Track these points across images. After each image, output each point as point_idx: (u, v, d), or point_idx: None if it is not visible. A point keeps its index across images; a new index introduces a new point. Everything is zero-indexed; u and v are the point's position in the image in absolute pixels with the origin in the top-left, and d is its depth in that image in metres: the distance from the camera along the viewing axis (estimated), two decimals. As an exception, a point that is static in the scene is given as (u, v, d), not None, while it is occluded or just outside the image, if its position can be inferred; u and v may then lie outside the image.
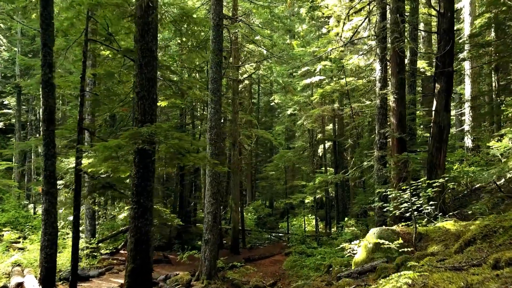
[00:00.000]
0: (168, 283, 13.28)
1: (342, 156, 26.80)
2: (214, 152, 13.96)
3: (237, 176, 21.49)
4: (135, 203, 6.63)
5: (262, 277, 16.20)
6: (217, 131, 14.09)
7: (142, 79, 6.78)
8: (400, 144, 12.26)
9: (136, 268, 6.41)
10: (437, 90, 12.31)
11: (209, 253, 13.74)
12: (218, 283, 13.66)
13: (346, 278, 7.31)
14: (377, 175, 12.67)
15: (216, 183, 13.99)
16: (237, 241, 21.07)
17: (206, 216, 14.01)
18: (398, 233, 8.20)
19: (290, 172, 35.85)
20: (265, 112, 44.46)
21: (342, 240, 16.07)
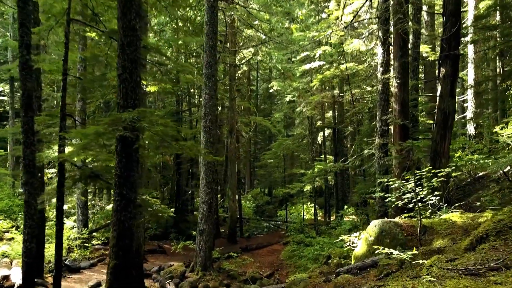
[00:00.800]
0: (162, 275, 12.86)
1: (342, 144, 26.27)
2: (209, 140, 13.45)
3: (235, 164, 21.00)
4: (118, 194, 6.12)
5: (259, 267, 15.82)
6: (211, 117, 13.55)
7: (124, 60, 6.22)
8: (403, 132, 11.73)
9: (118, 264, 5.93)
10: (441, 75, 11.74)
11: (204, 244, 13.32)
12: (213, 275, 13.26)
13: (346, 274, 6.85)
14: (378, 163, 12.16)
15: (211, 172, 13.49)
16: (234, 231, 20.67)
17: (201, 206, 13.55)
18: (401, 226, 7.72)
19: (289, 160, 35.36)
20: (264, 99, 43.81)
21: (342, 230, 15.66)
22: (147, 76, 9.59)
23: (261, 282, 13.35)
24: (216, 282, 12.85)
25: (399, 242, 7.42)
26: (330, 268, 14.02)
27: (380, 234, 7.71)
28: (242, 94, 28.14)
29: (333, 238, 16.14)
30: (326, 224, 22.73)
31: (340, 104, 25.69)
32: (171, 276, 12.51)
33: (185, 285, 12.04)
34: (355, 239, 8.68)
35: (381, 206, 11.77)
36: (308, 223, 25.24)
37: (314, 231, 19.72)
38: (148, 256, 16.21)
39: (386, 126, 12.24)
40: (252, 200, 34.45)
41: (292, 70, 26.23)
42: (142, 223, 10.39)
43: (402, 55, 12.13)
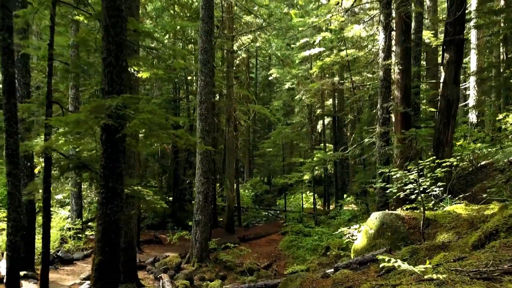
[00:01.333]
0: (157, 266, 12.58)
1: (341, 132, 25.89)
2: (205, 129, 13.07)
3: (233, 153, 20.63)
4: (103, 186, 5.76)
5: (257, 258, 15.55)
6: (207, 105, 13.15)
7: (108, 43, 5.80)
8: (405, 120, 11.35)
9: (104, 261, 5.58)
10: (445, 60, 11.31)
11: (200, 235, 13.02)
12: (209, 266, 12.99)
13: (345, 270, 6.51)
14: (379, 152, 11.80)
15: (207, 161, 13.14)
16: (232, 220, 20.39)
17: (197, 196, 13.22)
18: (403, 218, 7.37)
19: (288, 149, 34.99)
20: (263, 87, 43.29)
21: (341, 220, 15.36)
22: (138, 61, 9.17)
23: (258, 273, 13.08)
24: (212, 274, 12.58)
25: (400, 236, 7.09)
26: (329, 259, 13.80)
27: (381, 227, 7.37)
28: (241, 81, 27.67)
29: (332, 228, 15.87)
30: (325, 213, 22.47)
31: (340, 92, 25.25)
32: (166, 268, 12.22)
33: (180, 277, 11.75)
34: (354, 231, 8.36)
35: (382, 197, 11.43)
36: (307, 212, 24.99)
37: (313, 220, 19.44)
38: (144, 246, 15.94)
39: (387, 114, 11.85)
40: (251, 189, 34.15)
41: (291, 57, 25.71)
42: (135, 214, 10.05)
43: (405, 40, 11.69)
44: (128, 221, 10.11)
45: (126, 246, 10.10)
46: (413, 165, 7.20)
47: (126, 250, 10.10)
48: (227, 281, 12.44)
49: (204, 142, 13.06)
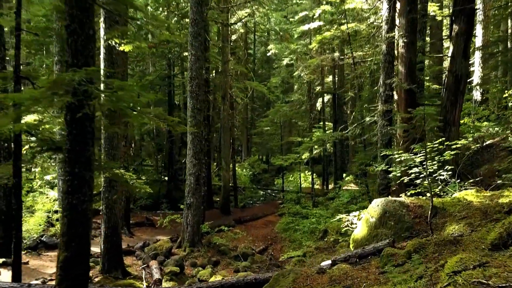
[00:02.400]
0: (146, 252, 12.00)
1: (341, 110, 25.08)
2: (196, 107, 12.30)
3: (228, 132, 19.89)
4: (69, 173, 5.05)
5: (252, 241, 15.00)
6: (198, 81, 12.35)
7: (71, 8, 4.99)
8: (409, 97, 10.56)
9: (70, 257, 4.93)
10: (454, 32, 10.46)
11: (192, 218, 12.42)
12: (202, 251, 12.42)
13: (343, 264, 5.87)
14: (381, 132, 11.04)
15: (198, 141, 12.42)
16: (228, 201, 19.80)
17: (188, 178, 12.55)
18: (407, 206, 6.69)
19: (287, 127, 34.22)
20: (262, 64, 42.19)
21: (339, 203, 14.74)
22: (118, 32, 8.33)
23: (252, 258, 12.51)
24: (204, 259, 12.02)
25: (405, 226, 6.43)
26: (327, 243, 13.22)
27: (383, 215, 6.70)
28: (238, 58, 26.69)
29: (330, 210, 15.27)
30: (323, 194, 21.89)
31: (341, 68, 24.33)
32: (156, 254, 11.64)
33: (170, 263, 11.17)
34: (354, 218, 7.68)
35: (383, 179, 10.75)
36: (305, 192, 24.43)
37: (311, 201, 18.85)
38: (135, 229, 15.36)
39: (390, 91, 11.05)
40: (248, 168, 33.54)
41: (290, 31, 24.68)
42: (118, 198, 9.39)
43: (410, 10, 10.77)
44: (112, 206, 9.46)
45: (110, 232, 9.49)
46: (420, 147, 6.48)
47: (111, 237, 9.49)
48: (219, 267, 11.89)
49: (195, 121, 12.33)
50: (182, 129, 5.62)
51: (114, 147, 9.37)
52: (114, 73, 9.29)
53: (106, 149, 9.33)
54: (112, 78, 9.33)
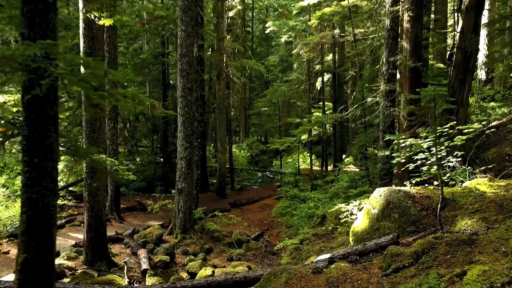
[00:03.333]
0: (136, 239, 11.44)
1: (341, 90, 24.30)
2: (186, 86, 11.57)
3: (224, 113, 19.17)
4: (27, 163, 4.39)
5: (248, 226, 14.47)
6: (189, 59, 11.59)
7: (26, -30, 4.23)
8: (415, 76, 9.84)
9: (30, 259, 4.31)
10: (464, 6, 9.65)
11: (183, 204, 11.83)
12: (194, 238, 11.87)
13: (341, 263, 5.26)
14: (383, 114, 10.33)
15: (189, 123, 11.73)
16: (224, 184, 19.23)
17: (179, 162, 11.92)
18: (413, 197, 6.06)
19: (286, 108, 33.47)
20: (260, 42, 41.17)
21: (339, 187, 14.14)
22: (97, 5, 7.57)
23: (247, 245, 11.99)
24: (196, 247, 11.48)
25: (410, 219, 5.80)
26: (325, 230, 12.69)
27: (386, 206, 6.07)
28: (236, 36, 25.72)
29: (329, 194, 14.70)
30: (322, 176, 21.32)
31: (341, 46, 23.46)
32: (146, 241, 11.08)
33: (160, 251, 10.63)
34: (354, 208, 7.05)
35: (385, 164, 10.09)
36: (304, 173, 23.88)
37: (309, 185, 18.28)
38: (126, 215, 14.80)
39: (394, 69, 10.29)
40: (247, 149, 32.93)
41: (289, 7, 23.68)
42: (102, 184, 8.74)
43: (417, -19, 9.95)
44: (95, 193, 8.84)
45: (94, 221, 8.89)
46: (431, 132, 5.80)
47: (94, 226, 8.90)
48: (212, 254, 11.37)
49: (186, 102, 11.62)
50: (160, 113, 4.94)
51: (96, 130, 8.69)
52: (94, 50, 8.55)
53: (87, 133, 8.66)
54: (92, 55, 8.60)
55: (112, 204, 13.79)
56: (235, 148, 32.39)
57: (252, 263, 10.77)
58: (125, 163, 25.18)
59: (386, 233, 5.91)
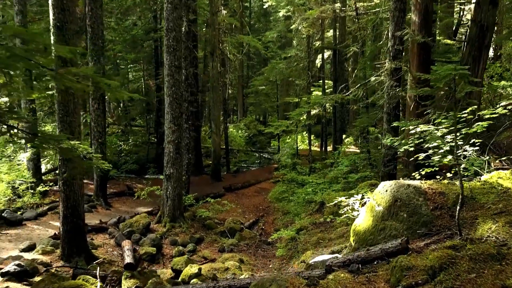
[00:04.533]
0: (121, 228, 10.70)
1: (342, 68, 23.22)
2: (173, 64, 10.64)
3: (218, 92, 18.22)
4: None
5: (242, 213, 13.76)
6: (176, 34, 10.62)
7: None
8: (423, 52, 8.90)
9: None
10: (481, -26, 8.66)
11: (172, 191, 11.06)
12: (184, 226, 11.15)
13: (341, 272, 4.48)
14: (388, 94, 9.41)
15: (177, 104, 10.84)
16: (218, 167, 18.46)
17: (167, 146, 11.08)
18: (425, 193, 5.24)
19: (285, 86, 32.40)
20: (259, 17, 39.79)
21: (338, 172, 13.35)
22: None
23: (240, 234, 11.28)
24: (186, 236, 10.77)
25: (421, 219, 5.00)
26: (323, 217, 11.96)
27: (393, 204, 5.26)
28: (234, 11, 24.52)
29: (328, 179, 13.91)
30: (322, 158, 20.52)
31: (342, 21, 22.29)
32: (131, 231, 10.36)
33: (146, 242, 9.93)
34: (355, 203, 6.22)
35: (389, 149, 9.23)
36: (302, 154, 23.11)
37: (308, 168, 17.48)
38: (114, 200, 14.05)
39: (400, 45, 9.32)
40: (244, 129, 32.05)
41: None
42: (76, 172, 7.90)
43: None
44: (70, 183, 8.03)
45: (70, 212, 8.10)
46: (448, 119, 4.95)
47: (71, 218, 8.12)
48: (203, 245, 10.67)
49: (173, 81, 10.70)
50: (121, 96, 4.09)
51: (70, 113, 7.81)
52: (65, 23, 7.60)
53: (60, 116, 7.79)
54: (63, 30, 7.66)
55: (98, 189, 13.02)
56: (232, 128, 31.51)
57: (245, 254, 10.07)
58: (118, 143, 24.49)
59: (393, 235, 5.12)
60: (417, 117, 8.84)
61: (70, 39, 7.74)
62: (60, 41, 7.61)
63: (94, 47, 12.40)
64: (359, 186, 10.78)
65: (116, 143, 24.20)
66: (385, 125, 9.55)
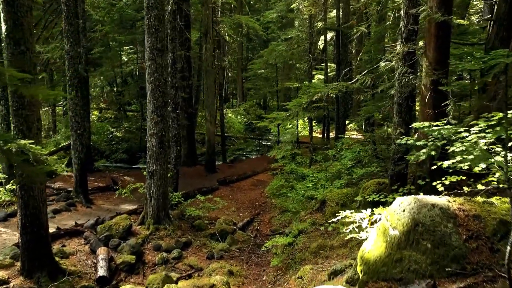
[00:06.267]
0: (99, 231, 9.59)
1: (346, 50, 21.81)
2: (155, 46, 9.38)
3: (212, 77, 16.94)
4: None
5: (237, 210, 12.65)
6: (158, 13, 9.33)
7: None
8: (443, 33, 7.57)
9: None
10: None
11: (155, 190, 9.93)
12: (169, 228, 10.05)
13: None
14: (400, 82, 8.14)
15: (161, 92, 9.61)
16: (213, 158, 17.30)
17: (149, 140, 9.92)
18: (454, 216, 4.05)
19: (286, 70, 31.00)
20: (258, -4, 38.08)
21: (341, 167, 12.16)
22: None
23: (232, 237, 10.17)
24: (172, 240, 9.68)
25: (452, 253, 3.83)
26: (325, 217, 10.83)
27: (413, 229, 4.09)
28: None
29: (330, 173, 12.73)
30: (323, 147, 19.33)
31: (346, 0, 20.85)
32: (109, 236, 9.25)
33: (125, 249, 8.84)
34: (364, 222, 5.04)
35: (400, 145, 8.00)
36: (304, 142, 21.98)
37: (308, 158, 16.28)
38: (97, 196, 12.92)
39: (415, 24, 8.02)
40: (244, 115, 30.81)
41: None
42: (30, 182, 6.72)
43: None
44: (29, 188, 6.88)
45: (30, 221, 6.99)
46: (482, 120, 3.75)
47: (30, 227, 7.01)
48: (190, 250, 9.59)
49: (155, 66, 9.46)
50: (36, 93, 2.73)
51: (26, 106, 6.61)
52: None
53: (15, 109, 6.59)
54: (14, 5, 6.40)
55: (78, 185, 11.90)
56: (231, 113, 30.24)
57: (236, 262, 9.00)
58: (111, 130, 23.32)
59: (413, 269, 3.97)
60: (434, 109, 7.63)
61: (24, 16, 6.49)
62: (11, 19, 6.37)
63: (70, 28, 11.11)
64: (365, 184, 9.60)
65: (108, 129, 23.06)
66: (396, 117, 8.32)
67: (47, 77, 14.29)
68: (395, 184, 7.88)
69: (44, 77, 14.23)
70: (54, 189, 12.97)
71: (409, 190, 7.30)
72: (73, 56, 11.36)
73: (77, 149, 11.63)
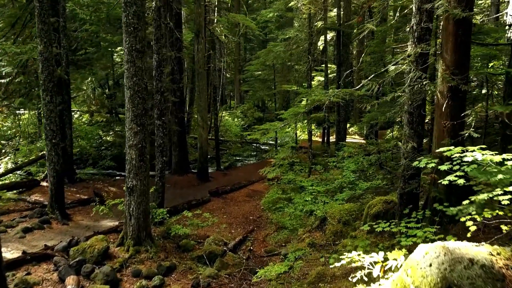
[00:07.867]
0: (71, 254, 8.52)
1: (347, 51, 20.79)
2: (134, 47, 8.33)
3: (205, 79, 15.87)
4: None
5: (228, 227, 11.57)
6: (137, 9, 8.29)
7: None
8: (462, 33, 6.52)
9: None
10: None
11: (135, 207, 8.86)
12: (151, 251, 8.96)
13: None
14: (411, 88, 7.08)
15: (141, 98, 8.55)
16: (206, 166, 16.24)
17: (128, 152, 8.88)
18: (502, 278, 3.01)
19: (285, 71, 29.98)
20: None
21: (343, 181, 11.10)
22: None
23: (221, 261, 9.07)
24: (154, 264, 8.60)
25: (501, 335, 2.76)
26: (326, 237, 9.81)
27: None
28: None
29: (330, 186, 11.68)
30: (323, 152, 18.31)
31: (347, 0, 19.88)
32: (82, 261, 8.17)
33: (99, 277, 7.76)
34: (375, 269, 3.97)
35: (412, 160, 6.94)
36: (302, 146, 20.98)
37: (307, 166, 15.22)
38: (76, 210, 11.86)
39: (429, 22, 6.96)
40: (241, 117, 29.77)
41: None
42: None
43: None
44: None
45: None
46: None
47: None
48: (174, 275, 8.51)
49: (134, 69, 8.41)
50: None
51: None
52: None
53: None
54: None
55: (53, 200, 10.82)
56: (228, 116, 29.22)
57: (225, 291, 7.93)
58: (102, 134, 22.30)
59: None
60: (451, 120, 6.60)
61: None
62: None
63: (44, 26, 10.05)
64: (370, 203, 8.55)
65: (98, 134, 22.04)
66: (407, 129, 7.26)
67: (25, 80, 13.20)
68: (406, 207, 6.81)
69: (22, 80, 13.14)
70: (30, 203, 11.90)
71: (424, 216, 6.24)
72: (48, 58, 10.28)
73: (52, 160, 10.57)
